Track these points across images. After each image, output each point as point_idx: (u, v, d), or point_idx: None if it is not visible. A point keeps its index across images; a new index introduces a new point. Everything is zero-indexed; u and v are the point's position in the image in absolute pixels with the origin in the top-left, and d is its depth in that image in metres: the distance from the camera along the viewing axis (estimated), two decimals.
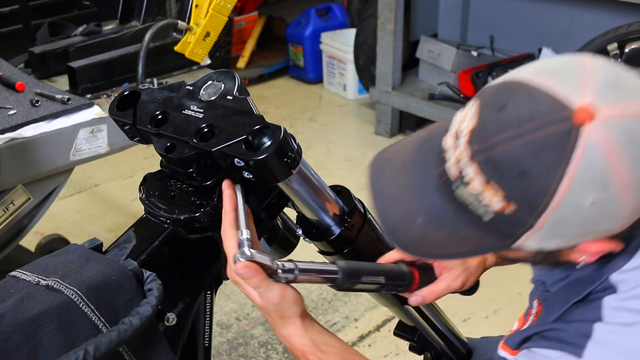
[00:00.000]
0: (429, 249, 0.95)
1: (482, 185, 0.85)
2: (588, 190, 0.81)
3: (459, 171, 0.87)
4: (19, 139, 1.98)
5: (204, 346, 1.21)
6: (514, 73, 0.89)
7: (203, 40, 2.32)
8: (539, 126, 0.81)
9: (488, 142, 0.84)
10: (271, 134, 0.97)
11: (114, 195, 3.64)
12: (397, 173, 0.96)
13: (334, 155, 4.07)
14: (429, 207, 0.92)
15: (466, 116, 0.89)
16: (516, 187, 0.83)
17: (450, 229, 0.91)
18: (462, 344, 1.51)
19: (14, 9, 2.85)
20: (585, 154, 0.80)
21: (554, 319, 0.97)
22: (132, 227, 1.13)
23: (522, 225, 0.86)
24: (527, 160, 0.82)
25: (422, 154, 0.95)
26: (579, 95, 0.81)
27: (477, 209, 0.87)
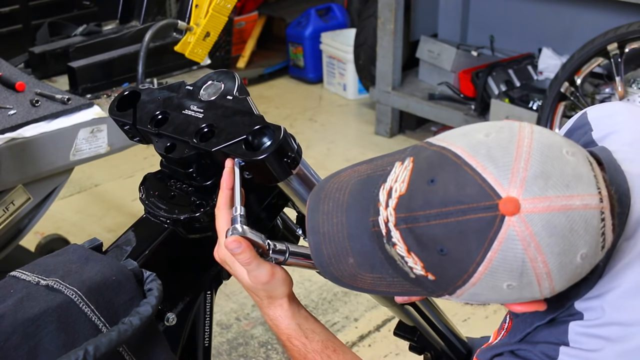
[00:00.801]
0: (359, 284, 0.96)
1: (405, 252, 0.86)
2: (505, 276, 0.82)
3: (387, 230, 0.88)
4: (19, 139, 1.98)
5: (204, 346, 1.21)
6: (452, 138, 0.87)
7: (203, 40, 2.32)
8: (463, 211, 0.82)
9: (412, 214, 0.85)
10: (271, 134, 0.97)
11: (114, 195, 3.64)
12: (334, 211, 0.97)
13: (334, 155, 4.07)
14: (360, 250, 0.93)
15: (400, 176, 0.89)
16: (435, 262, 0.84)
17: (379, 274, 0.93)
18: (462, 344, 1.51)
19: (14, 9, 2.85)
20: (504, 245, 0.80)
21: (518, 340, 0.98)
22: (132, 227, 1.12)
23: (443, 290, 0.88)
24: (447, 241, 0.82)
25: (359, 196, 0.96)
26: (507, 185, 0.81)
27: (403, 267, 0.89)
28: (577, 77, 3.21)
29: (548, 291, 0.85)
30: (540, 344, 0.94)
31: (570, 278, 0.84)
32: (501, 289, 0.84)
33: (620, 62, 3.08)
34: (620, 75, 3.09)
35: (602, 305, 0.90)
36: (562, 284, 0.85)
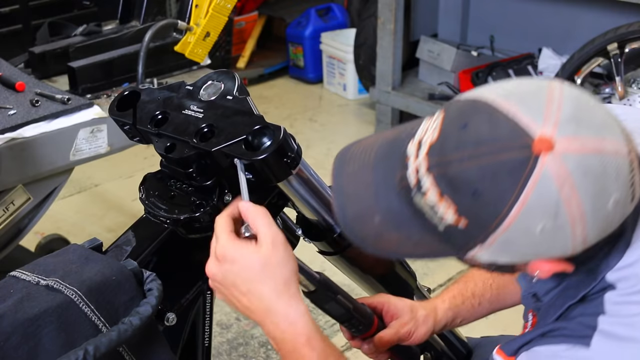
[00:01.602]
0: (384, 246, 0.95)
1: (437, 197, 0.86)
2: (539, 218, 0.82)
3: (416, 180, 0.88)
4: (19, 139, 1.98)
5: (204, 346, 1.21)
6: (482, 91, 0.89)
7: (203, 40, 2.32)
8: (496, 150, 0.82)
9: (445, 158, 0.85)
10: (271, 134, 0.97)
11: (114, 195, 3.64)
12: (360, 171, 0.97)
13: (334, 155, 4.06)
14: (387, 207, 0.93)
15: (430, 127, 0.89)
16: (468, 205, 0.84)
17: (406, 232, 0.92)
18: (462, 344, 1.51)
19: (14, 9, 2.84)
20: (540, 184, 0.80)
21: (552, 321, 0.97)
22: (132, 227, 1.12)
23: (473, 240, 0.87)
24: (481, 182, 0.82)
25: (386, 155, 0.96)
26: (541, 125, 0.81)
27: (432, 219, 0.88)
28: (577, 77, 3.21)
29: (580, 239, 0.84)
30: (576, 318, 0.93)
31: (602, 226, 0.84)
32: (534, 234, 0.83)
33: (620, 62, 3.09)
34: (620, 75, 3.09)
35: (636, 272, 0.90)
36: (594, 232, 0.84)
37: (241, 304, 0.98)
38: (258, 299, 0.97)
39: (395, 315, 1.28)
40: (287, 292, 0.97)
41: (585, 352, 0.89)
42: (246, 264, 0.96)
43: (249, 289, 0.97)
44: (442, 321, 1.33)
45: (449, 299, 1.36)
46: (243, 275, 0.97)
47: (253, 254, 0.96)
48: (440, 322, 1.33)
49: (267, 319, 0.97)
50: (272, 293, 0.97)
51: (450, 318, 1.35)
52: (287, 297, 0.97)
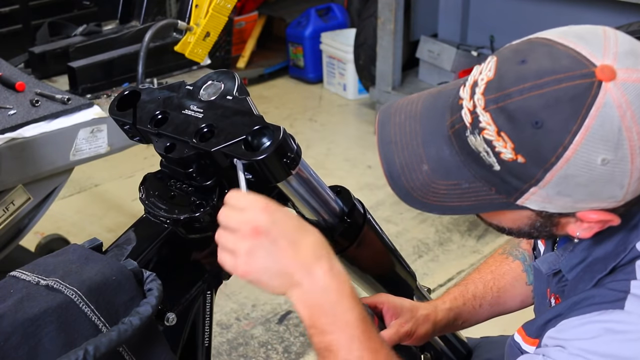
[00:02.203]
0: (429, 198, 0.93)
1: (494, 134, 0.85)
2: (600, 147, 0.82)
3: (472, 119, 0.87)
4: (19, 139, 1.98)
5: (204, 346, 1.21)
6: (536, 34, 0.90)
7: (203, 40, 2.32)
8: (559, 80, 0.82)
9: (504, 92, 0.85)
10: (271, 134, 0.97)
11: (114, 195, 3.65)
12: (406, 121, 0.96)
13: (334, 155, 4.07)
14: (436, 155, 0.92)
15: (484, 69, 0.90)
16: (528, 139, 0.83)
17: (455, 180, 0.91)
18: (462, 344, 1.51)
19: (14, 9, 2.85)
20: (602, 111, 0.81)
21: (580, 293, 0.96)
22: (132, 227, 1.12)
23: (530, 178, 0.86)
24: (542, 112, 0.82)
25: (434, 105, 0.96)
26: (601, 56, 0.83)
27: (487, 159, 0.87)
28: None
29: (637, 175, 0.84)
30: (607, 285, 0.93)
31: None
32: (595, 166, 0.83)
33: None
34: None
35: None
36: None
37: (285, 258, 0.91)
38: (309, 246, 0.92)
39: (395, 314, 1.28)
40: (328, 245, 0.95)
41: (620, 315, 0.89)
42: (290, 214, 0.93)
43: (295, 240, 0.91)
44: (442, 321, 1.33)
45: (450, 300, 1.36)
46: (292, 223, 0.92)
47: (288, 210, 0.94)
48: (441, 323, 1.33)
49: (314, 269, 0.91)
50: (320, 243, 0.94)
51: (452, 319, 1.34)
52: (330, 248, 0.95)
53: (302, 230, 0.93)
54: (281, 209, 0.93)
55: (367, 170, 3.89)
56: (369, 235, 1.25)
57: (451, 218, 3.43)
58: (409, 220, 3.42)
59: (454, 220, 3.42)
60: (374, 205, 3.51)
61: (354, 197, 1.23)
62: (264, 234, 0.90)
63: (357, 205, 1.23)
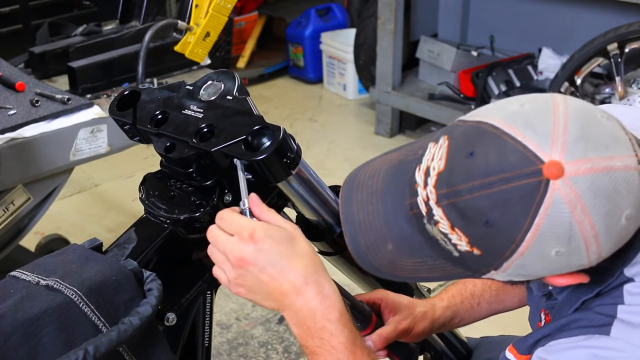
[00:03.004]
0: (399, 272, 0.95)
1: (449, 229, 0.86)
2: (553, 242, 0.82)
3: (427, 210, 0.88)
4: (19, 139, 1.98)
5: (204, 346, 1.21)
6: (485, 113, 0.88)
7: (203, 40, 2.32)
8: (506, 179, 0.81)
9: (454, 189, 0.84)
10: (270, 134, 0.97)
11: (114, 195, 3.64)
12: (369, 198, 0.96)
13: (334, 155, 4.07)
14: (399, 235, 0.93)
15: (436, 155, 0.88)
16: (481, 235, 0.84)
17: (420, 258, 0.92)
18: (462, 344, 1.51)
19: (14, 9, 2.85)
20: (551, 209, 0.80)
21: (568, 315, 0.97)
22: (132, 227, 1.12)
23: (488, 265, 0.87)
24: (492, 212, 0.82)
25: (394, 181, 0.95)
26: (549, 149, 0.81)
27: (445, 247, 0.88)
28: (577, 77, 3.21)
29: (595, 256, 0.84)
30: (595, 308, 0.93)
31: (616, 241, 0.84)
32: (549, 257, 0.83)
33: (620, 62, 3.09)
34: (620, 75, 3.09)
35: None
36: (609, 247, 0.84)
37: (270, 288, 0.95)
38: (294, 274, 0.95)
39: (393, 311, 1.28)
40: (321, 266, 0.97)
41: (606, 340, 0.89)
42: (279, 240, 0.95)
43: (283, 267, 0.95)
44: (440, 319, 1.33)
45: (448, 298, 1.36)
46: (277, 251, 0.94)
47: (280, 230, 0.96)
48: (439, 320, 1.33)
49: (300, 295, 0.95)
50: (309, 267, 0.96)
51: (449, 317, 1.34)
52: (322, 270, 0.97)
53: (289, 256, 0.95)
54: (269, 236, 0.94)
55: None
56: None
57: None
58: None
59: None
60: None
61: None
62: (250, 264, 0.95)
63: None
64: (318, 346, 0.96)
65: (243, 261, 0.94)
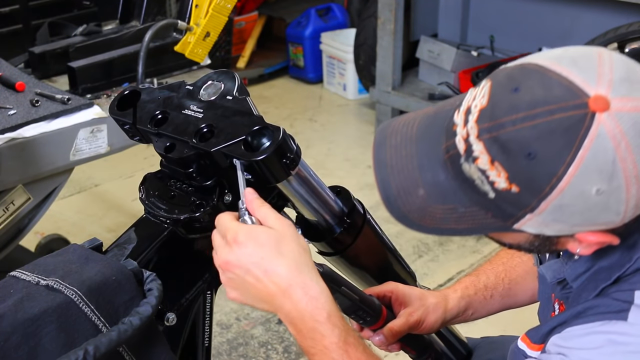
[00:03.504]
0: (426, 221, 0.93)
1: (488, 164, 0.85)
2: (595, 178, 0.81)
3: (466, 147, 0.87)
4: (19, 139, 1.98)
5: (204, 346, 1.21)
6: (530, 57, 0.89)
7: (203, 40, 2.32)
8: (551, 111, 0.82)
9: (497, 122, 0.84)
10: (270, 134, 0.97)
11: (114, 195, 3.64)
12: (403, 144, 0.96)
13: (334, 155, 4.07)
14: (432, 180, 0.92)
15: (478, 94, 0.89)
16: (521, 169, 0.83)
17: (451, 204, 0.91)
18: (462, 344, 1.51)
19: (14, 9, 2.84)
20: (596, 142, 0.80)
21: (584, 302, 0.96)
22: (132, 227, 1.12)
23: (524, 207, 0.85)
24: (535, 143, 0.82)
25: (430, 127, 0.95)
26: (595, 85, 0.82)
27: (481, 186, 0.87)
28: None
29: (633, 203, 0.84)
30: (611, 295, 0.92)
31: None
32: (589, 196, 0.82)
33: None
34: None
35: None
36: None
37: (257, 290, 0.95)
38: (278, 276, 0.93)
39: (404, 303, 1.27)
40: (307, 266, 0.95)
41: (623, 326, 0.88)
42: (262, 242, 0.93)
43: (266, 269, 0.93)
44: (453, 310, 1.32)
45: (461, 289, 1.35)
46: (260, 254, 0.93)
47: (265, 232, 0.94)
48: (452, 311, 1.32)
49: (287, 297, 0.94)
50: (292, 268, 0.94)
51: (463, 308, 1.33)
52: (307, 270, 0.95)
53: (272, 258, 0.93)
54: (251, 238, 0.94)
55: (367, 170, 3.89)
56: (368, 235, 1.25)
57: None
58: None
59: None
60: (374, 206, 3.50)
61: (353, 198, 1.23)
62: (235, 267, 0.95)
63: (357, 205, 1.23)
64: (311, 346, 0.95)
65: (228, 264, 0.94)
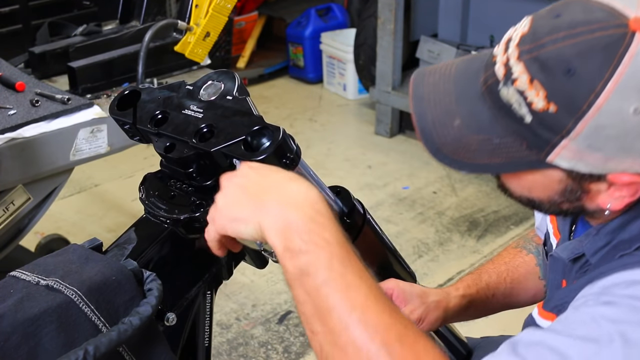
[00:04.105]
0: (460, 154, 0.94)
1: (527, 83, 0.87)
2: (633, 96, 0.83)
3: (505, 71, 0.89)
4: (19, 139, 1.98)
5: (204, 346, 1.21)
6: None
7: (203, 40, 2.32)
8: (592, 29, 0.84)
9: (538, 43, 0.87)
10: (270, 134, 0.97)
11: (114, 195, 3.65)
12: (441, 80, 0.98)
13: (334, 155, 4.07)
14: (469, 110, 0.94)
15: (519, 27, 0.92)
16: (560, 86, 0.85)
17: (487, 134, 0.92)
18: (462, 344, 1.51)
19: (14, 9, 2.85)
20: (635, 60, 0.83)
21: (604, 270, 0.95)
22: (132, 227, 1.12)
23: (561, 129, 0.86)
24: (575, 59, 0.84)
25: (468, 66, 0.98)
26: (635, 9, 0.84)
27: (519, 111, 0.89)
28: None
29: None
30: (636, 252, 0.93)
31: None
32: (627, 116, 0.83)
33: None
34: None
35: None
36: None
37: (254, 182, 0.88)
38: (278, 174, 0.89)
39: (404, 301, 1.27)
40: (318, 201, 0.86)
41: None
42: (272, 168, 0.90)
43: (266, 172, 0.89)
44: (454, 308, 1.32)
45: (463, 287, 1.35)
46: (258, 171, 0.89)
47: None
48: (453, 310, 1.32)
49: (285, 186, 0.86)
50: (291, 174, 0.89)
51: (464, 306, 1.33)
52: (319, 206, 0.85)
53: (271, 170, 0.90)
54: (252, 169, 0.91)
55: (367, 170, 3.89)
56: (368, 235, 1.24)
57: (451, 218, 3.43)
58: (408, 220, 3.42)
59: (454, 220, 3.42)
60: (374, 206, 3.51)
61: (353, 198, 1.23)
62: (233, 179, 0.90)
63: (357, 205, 1.23)
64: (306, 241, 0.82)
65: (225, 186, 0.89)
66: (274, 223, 0.83)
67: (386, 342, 0.78)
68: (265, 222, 0.84)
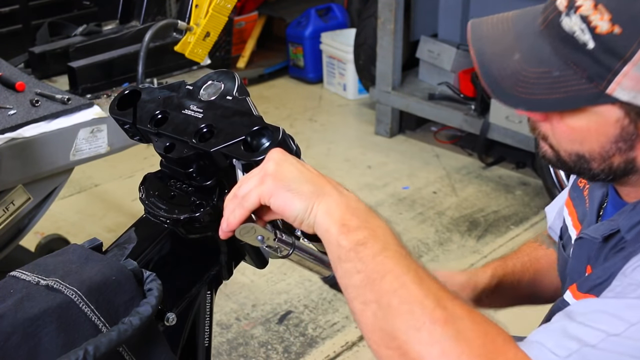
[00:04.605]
0: (518, 89, 0.94)
1: (591, 7, 0.88)
2: None
3: (568, 2, 0.90)
4: (19, 139, 1.98)
5: (204, 346, 1.21)
6: None
7: (203, 40, 2.32)
8: None
9: None
10: (270, 135, 0.97)
11: (114, 195, 3.65)
12: (500, 21, 1.00)
13: (334, 155, 4.07)
14: (529, 44, 0.95)
15: None
16: (625, 8, 0.86)
17: (546, 67, 0.92)
18: None
19: (14, 9, 2.85)
20: None
21: None
22: (132, 227, 1.12)
23: (624, 53, 0.86)
24: None
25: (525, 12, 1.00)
26: None
27: (581, 37, 0.89)
28: None
29: None
30: None
31: None
32: None
33: None
34: None
35: None
36: None
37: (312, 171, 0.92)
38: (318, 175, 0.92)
39: None
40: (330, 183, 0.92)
41: None
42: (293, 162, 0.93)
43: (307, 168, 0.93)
44: (483, 287, 1.32)
45: (491, 269, 1.36)
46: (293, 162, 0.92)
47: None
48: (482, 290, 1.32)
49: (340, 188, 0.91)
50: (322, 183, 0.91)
51: (493, 287, 1.33)
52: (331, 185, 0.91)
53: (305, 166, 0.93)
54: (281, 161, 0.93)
55: (367, 170, 3.89)
56: None
57: (451, 218, 3.43)
58: (409, 220, 3.42)
59: (453, 220, 3.42)
60: (374, 206, 3.51)
61: None
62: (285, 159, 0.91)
63: None
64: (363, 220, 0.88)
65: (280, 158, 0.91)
66: (336, 206, 0.88)
67: (439, 298, 0.83)
68: (324, 204, 0.88)
